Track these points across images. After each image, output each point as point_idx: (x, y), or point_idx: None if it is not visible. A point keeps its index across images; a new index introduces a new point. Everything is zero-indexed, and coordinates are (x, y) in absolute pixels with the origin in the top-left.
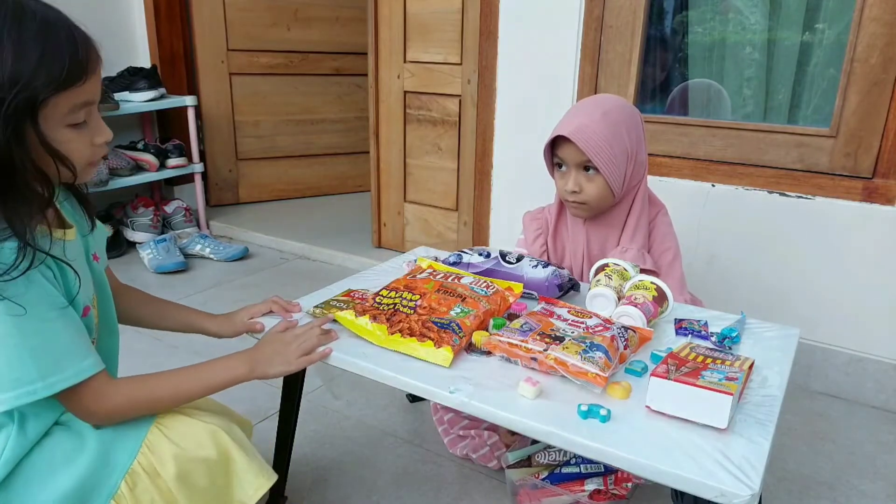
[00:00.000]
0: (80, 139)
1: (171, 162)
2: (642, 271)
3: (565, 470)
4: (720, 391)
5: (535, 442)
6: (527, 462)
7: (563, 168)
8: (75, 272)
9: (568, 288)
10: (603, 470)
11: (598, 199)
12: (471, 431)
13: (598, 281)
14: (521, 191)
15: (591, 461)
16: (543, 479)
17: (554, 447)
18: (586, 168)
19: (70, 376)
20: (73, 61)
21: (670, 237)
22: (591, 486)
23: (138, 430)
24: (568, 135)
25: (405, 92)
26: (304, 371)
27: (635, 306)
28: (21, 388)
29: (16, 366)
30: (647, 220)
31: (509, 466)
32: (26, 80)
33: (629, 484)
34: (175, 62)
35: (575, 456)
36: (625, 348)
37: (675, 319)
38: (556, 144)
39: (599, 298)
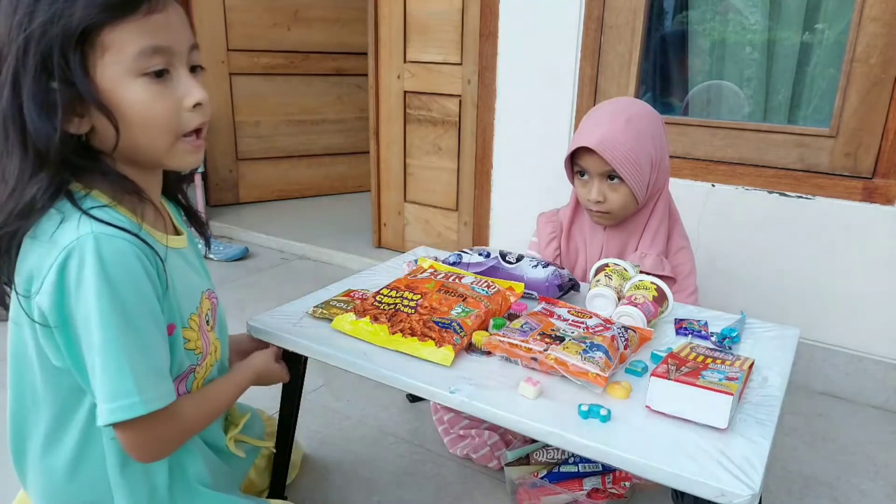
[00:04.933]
0: (162, 98)
1: None
2: (661, 279)
3: (563, 469)
4: (720, 391)
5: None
6: (525, 460)
7: (585, 176)
8: (162, 280)
9: (568, 288)
10: (601, 469)
11: (622, 208)
12: (471, 431)
13: (598, 281)
14: (521, 191)
15: (589, 460)
16: (542, 478)
17: (552, 446)
18: (610, 177)
19: (164, 395)
20: None
21: (686, 251)
22: (589, 485)
23: None
24: (592, 146)
25: (405, 92)
26: (304, 371)
27: (635, 306)
28: (119, 400)
29: (114, 376)
30: (666, 226)
31: (508, 464)
32: (60, 11)
33: (627, 483)
34: None
35: (573, 455)
36: (625, 348)
37: (675, 319)
38: (577, 153)
39: (599, 298)
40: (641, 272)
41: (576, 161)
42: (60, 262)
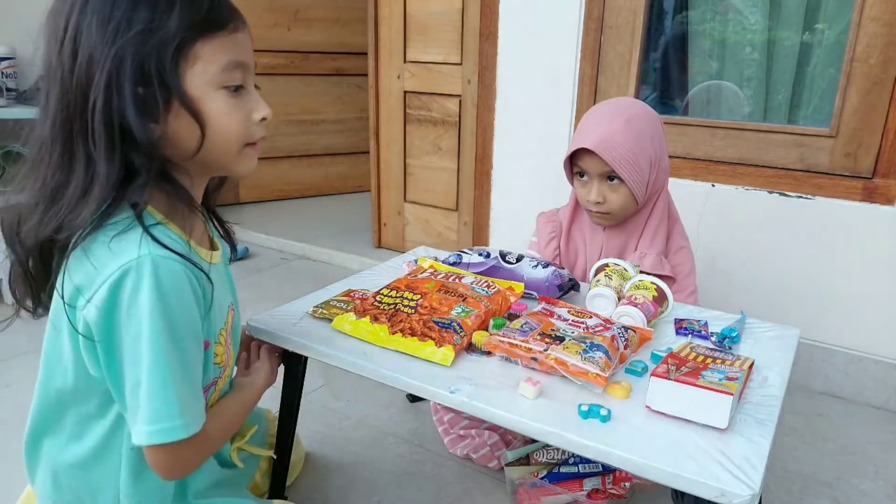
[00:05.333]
0: (237, 110)
1: None
2: (661, 278)
3: (563, 469)
4: (720, 391)
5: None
6: (525, 460)
7: (585, 177)
8: (207, 301)
9: (568, 288)
10: (601, 469)
11: (622, 209)
12: (471, 431)
13: (598, 281)
14: (521, 191)
15: (589, 460)
16: (542, 478)
17: (552, 446)
18: (609, 177)
19: (199, 417)
20: (215, 4)
21: (685, 251)
22: (589, 485)
23: None
24: (592, 147)
25: (405, 92)
26: (304, 371)
27: (635, 306)
28: (161, 423)
29: (159, 399)
30: (666, 226)
31: (508, 464)
32: (158, 20)
33: (627, 484)
34: None
35: (573, 455)
36: (625, 348)
37: (675, 319)
38: (576, 154)
39: (599, 298)
40: (641, 272)
41: (575, 162)
42: (115, 280)
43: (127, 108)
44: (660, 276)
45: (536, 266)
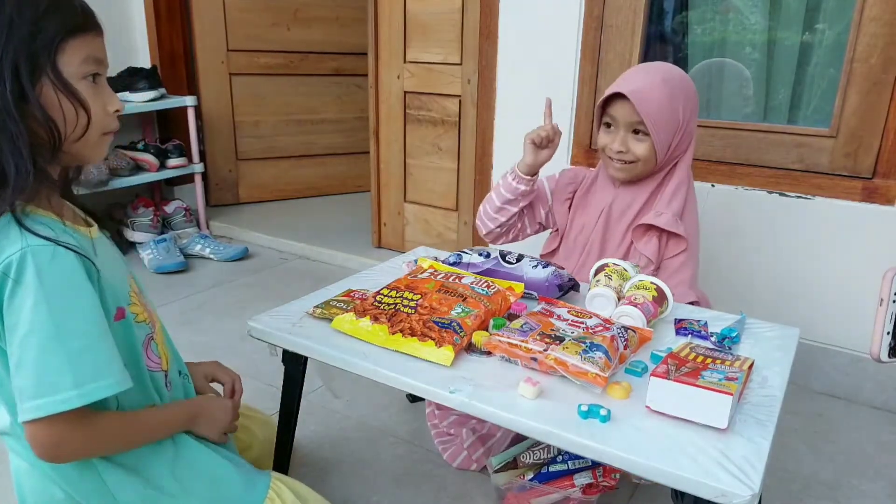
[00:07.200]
0: (96, 99)
1: (172, 162)
2: (674, 236)
3: (553, 468)
4: (720, 391)
5: (516, 442)
6: (512, 464)
7: (612, 128)
8: (95, 267)
9: (568, 288)
10: (591, 464)
11: (644, 161)
12: (454, 429)
13: (598, 281)
14: None
15: (578, 456)
16: (531, 480)
17: (538, 446)
18: (635, 131)
19: (108, 385)
20: (82, 11)
21: (694, 226)
22: (580, 480)
23: (262, 474)
24: (627, 93)
25: (405, 92)
26: (304, 371)
27: (635, 306)
28: (54, 395)
29: (51, 370)
30: (684, 193)
31: (495, 471)
32: (40, 24)
33: (617, 475)
34: (175, 62)
35: (561, 453)
36: (625, 348)
37: (675, 319)
38: (608, 103)
39: (599, 298)
40: (659, 228)
41: (606, 111)
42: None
43: (11, 98)
44: (674, 236)
45: (536, 266)
